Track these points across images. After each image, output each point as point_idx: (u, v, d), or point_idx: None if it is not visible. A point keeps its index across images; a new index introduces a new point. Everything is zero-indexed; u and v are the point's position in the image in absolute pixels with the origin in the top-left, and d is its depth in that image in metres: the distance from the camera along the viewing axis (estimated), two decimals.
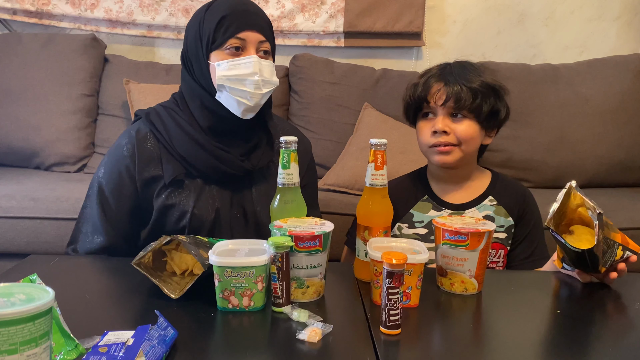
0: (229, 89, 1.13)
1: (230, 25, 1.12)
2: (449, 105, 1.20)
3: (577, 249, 0.94)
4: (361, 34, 2.62)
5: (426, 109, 1.24)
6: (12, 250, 1.82)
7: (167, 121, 1.18)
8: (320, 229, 0.89)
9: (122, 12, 2.56)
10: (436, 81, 1.22)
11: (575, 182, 0.99)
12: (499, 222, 1.24)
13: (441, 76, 1.23)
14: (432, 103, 1.21)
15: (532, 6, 2.67)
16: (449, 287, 0.96)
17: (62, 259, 1.07)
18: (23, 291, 0.60)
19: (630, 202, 2.06)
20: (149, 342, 0.69)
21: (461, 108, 1.19)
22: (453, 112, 1.21)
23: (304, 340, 0.76)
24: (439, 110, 1.21)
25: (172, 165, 1.16)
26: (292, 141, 0.97)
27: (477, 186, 1.28)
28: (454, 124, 1.20)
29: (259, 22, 1.15)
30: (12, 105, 2.29)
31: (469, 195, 1.27)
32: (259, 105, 1.17)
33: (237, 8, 1.14)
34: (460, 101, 1.18)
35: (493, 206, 1.25)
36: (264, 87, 1.14)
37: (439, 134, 1.20)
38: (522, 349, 0.77)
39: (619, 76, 2.39)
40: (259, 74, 1.12)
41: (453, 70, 1.23)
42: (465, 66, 1.25)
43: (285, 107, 2.49)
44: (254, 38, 1.13)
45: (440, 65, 1.27)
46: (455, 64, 1.26)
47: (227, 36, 1.12)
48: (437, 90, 1.21)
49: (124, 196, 1.17)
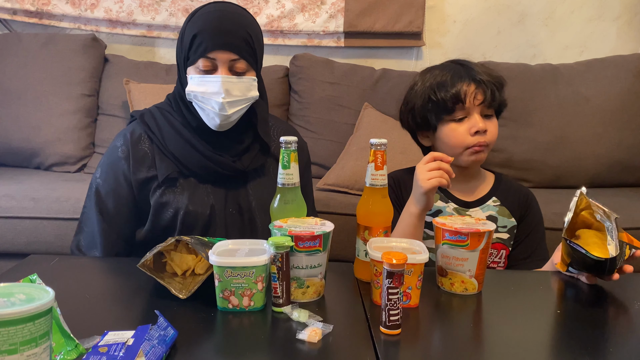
0: (199, 104, 1.15)
1: (200, 44, 1.12)
2: (484, 105, 1.19)
3: (600, 258, 0.93)
4: (361, 34, 2.62)
5: (459, 110, 1.20)
6: (12, 250, 1.82)
7: (160, 122, 1.19)
8: (320, 229, 0.89)
9: (122, 12, 2.56)
10: (462, 80, 1.19)
11: (585, 189, 0.99)
12: (502, 223, 1.24)
13: (466, 76, 1.20)
14: (467, 103, 1.19)
15: (532, 6, 2.68)
16: (449, 287, 0.96)
17: (62, 259, 1.07)
18: (23, 291, 0.60)
19: (630, 202, 2.06)
20: (149, 342, 0.69)
21: (492, 106, 1.20)
22: (486, 113, 1.21)
23: (304, 340, 0.76)
24: (474, 110, 1.19)
25: (166, 164, 1.17)
26: (292, 141, 0.97)
27: (482, 187, 1.29)
28: (488, 122, 1.21)
29: (231, 40, 1.12)
30: (12, 105, 2.29)
31: (474, 195, 1.27)
32: (231, 122, 1.18)
33: (210, 25, 1.12)
34: (494, 99, 1.19)
35: (497, 207, 1.26)
36: (230, 108, 1.14)
37: (481, 134, 1.19)
38: (522, 349, 0.77)
39: (619, 76, 2.39)
40: (225, 95, 1.12)
41: (474, 67, 1.22)
42: (477, 64, 1.25)
43: (285, 107, 2.49)
44: (225, 58, 1.12)
45: (447, 64, 1.26)
46: (469, 62, 1.25)
47: (197, 56, 1.13)
48: (471, 89, 1.19)
49: (121, 197, 1.18)
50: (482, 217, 1.24)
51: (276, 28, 2.60)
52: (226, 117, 1.14)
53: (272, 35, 2.61)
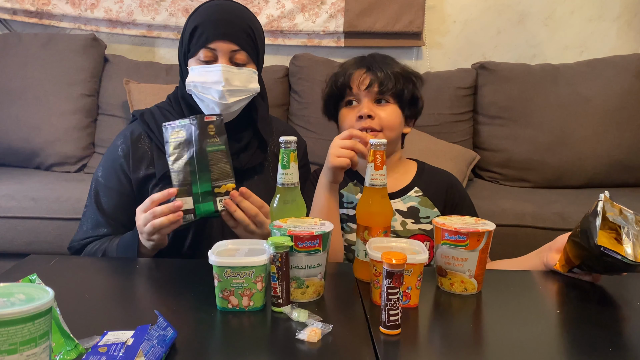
0: (198, 95, 1.16)
1: (202, 35, 1.13)
2: (373, 90, 1.21)
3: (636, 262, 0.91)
4: (361, 34, 2.62)
5: (349, 96, 1.24)
6: (12, 250, 1.82)
7: (160, 121, 1.21)
8: (320, 229, 0.89)
9: (122, 12, 2.56)
10: (358, 68, 1.24)
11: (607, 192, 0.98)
12: (424, 214, 1.24)
13: (362, 63, 1.25)
14: (355, 89, 1.23)
15: (532, 6, 2.67)
16: (448, 287, 0.96)
17: (62, 259, 1.07)
18: (23, 291, 0.60)
19: (630, 202, 2.06)
20: (148, 342, 0.69)
21: (385, 92, 1.21)
22: (377, 98, 1.22)
23: (303, 340, 0.76)
24: (362, 96, 1.22)
25: (163, 162, 1.18)
26: (292, 141, 0.97)
27: (403, 177, 1.29)
28: (378, 108, 1.22)
29: (232, 31, 1.14)
30: (12, 105, 2.29)
31: (395, 186, 1.26)
32: (231, 113, 1.18)
33: (211, 17, 1.14)
34: (383, 85, 1.20)
35: (418, 197, 1.26)
36: (230, 97, 1.15)
37: (364, 119, 1.20)
38: (522, 349, 0.77)
39: (619, 76, 2.39)
40: (225, 83, 1.13)
41: (375, 58, 1.26)
42: (385, 56, 1.28)
43: (285, 107, 2.49)
44: (225, 48, 1.14)
45: (358, 57, 1.29)
46: (375, 54, 1.28)
47: (198, 46, 1.14)
48: (360, 75, 1.22)
49: (121, 195, 1.20)
50: (403, 208, 1.24)
51: (276, 28, 2.60)
52: (226, 106, 1.15)
53: (272, 35, 2.62)
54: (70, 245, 1.22)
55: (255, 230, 1.08)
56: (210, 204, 1.06)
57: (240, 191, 1.06)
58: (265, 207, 1.08)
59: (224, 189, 1.07)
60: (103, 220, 1.20)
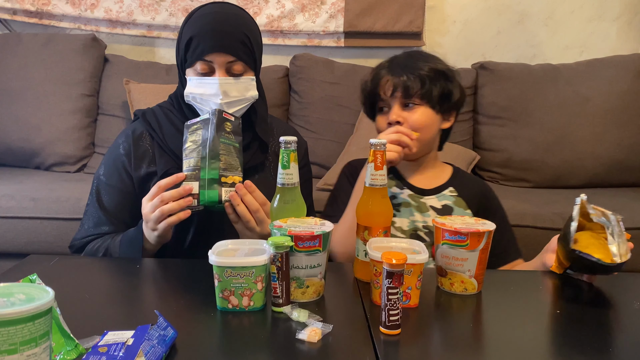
0: (198, 105, 1.17)
1: (197, 47, 1.13)
2: (398, 96, 1.22)
3: (611, 263, 0.93)
4: (361, 34, 2.62)
5: (381, 103, 1.26)
6: (12, 250, 1.82)
7: (161, 120, 1.21)
8: (320, 229, 0.89)
9: (122, 12, 2.57)
10: (385, 74, 1.24)
11: (585, 195, 1.00)
12: (457, 213, 1.25)
13: (389, 68, 1.25)
14: (383, 95, 1.24)
15: (532, 6, 2.68)
16: (448, 287, 0.96)
17: (62, 259, 1.07)
18: (23, 291, 0.60)
19: (630, 202, 2.06)
20: (148, 342, 0.69)
21: (410, 96, 1.21)
22: (405, 102, 1.23)
23: (303, 340, 0.76)
24: (391, 102, 1.23)
25: (165, 160, 1.18)
26: (292, 141, 0.97)
27: (439, 176, 1.31)
28: (407, 113, 1.22)
29: (228, 42, 1.13)
30: (12, 105, 2.29)
31: (431, 183, 1.28)
32: None
33: (205, 28, 1.13)
34: (408, 90, 1.20)
35: (453, 197, 1.27)
36: (229, 108, 1.16)
37: (394, 125, 1.21)
38: (522, 349, 0.77)
39: (619, 76, 2.39)
40: (223, 96, 1.14)
41: (400, 61, 1.26)
42: (413, 55, 1.28)
43: (285, 107, 2.49)
44: (222, 60, 1.13)
45: (389, 58, 1.29)
46: (403, 55, 1.29)
47: (194, 58, 1.14)
48: (385, 82, 1.23)
49: (122, 193, 1.21)
50: (437, 205, 1.25)
51: (276, 28, 2.60)
52: None
53: (272, 35, 2.62)
54: (72, 243, 1.23)
55: (255, 227, 1.08)
56: (215, 192, 1.06)
57: (245, 184, 1.07)
58: (268, 205, 1.08)
59: (231, 179, 1.08)
60: (104, 218, 1.20)
